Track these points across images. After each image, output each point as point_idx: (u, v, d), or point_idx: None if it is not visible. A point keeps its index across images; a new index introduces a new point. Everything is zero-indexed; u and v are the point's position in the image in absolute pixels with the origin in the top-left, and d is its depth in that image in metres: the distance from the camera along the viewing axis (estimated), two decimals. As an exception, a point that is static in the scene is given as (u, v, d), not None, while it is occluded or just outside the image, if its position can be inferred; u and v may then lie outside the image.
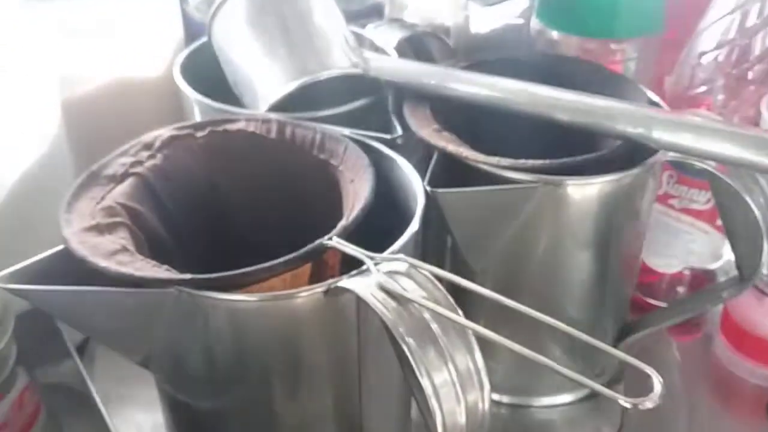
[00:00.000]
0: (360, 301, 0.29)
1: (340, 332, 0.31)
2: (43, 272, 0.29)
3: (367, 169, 0.35)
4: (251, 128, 0.39)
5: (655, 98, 0.43)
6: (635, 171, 0.38)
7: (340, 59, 0.44)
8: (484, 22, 0.59)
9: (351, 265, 0.30)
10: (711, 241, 0.49)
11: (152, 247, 0.33)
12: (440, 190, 0.34)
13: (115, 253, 0.30)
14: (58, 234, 0.44)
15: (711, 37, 0.46)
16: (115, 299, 0.29)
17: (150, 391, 0.37)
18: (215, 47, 0.47)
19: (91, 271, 0.29)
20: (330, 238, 0.31)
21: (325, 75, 0.42)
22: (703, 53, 0.46)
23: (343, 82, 0.43)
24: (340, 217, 0.37)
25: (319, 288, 0.29)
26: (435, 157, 0.37)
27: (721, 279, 0.50)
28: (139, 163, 0.36)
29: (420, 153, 0.40)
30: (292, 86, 0.42)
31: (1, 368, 0.35)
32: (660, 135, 0.37)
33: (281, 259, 0.29)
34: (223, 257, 0.38)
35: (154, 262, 0.30)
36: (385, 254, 0.30)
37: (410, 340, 0.27)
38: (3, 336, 0.35)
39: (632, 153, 0.39)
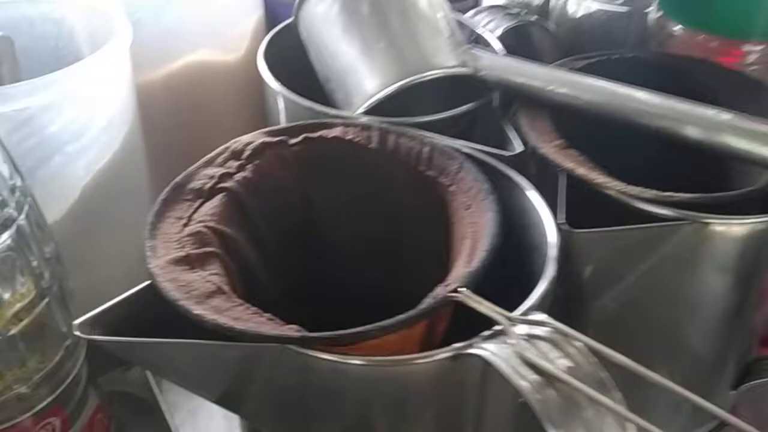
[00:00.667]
0: (487, 366, 0.25)
1: (458, 397, 0.27)
2: (126, 313, 0.26)
3: (486, 196, 0.30)
4: (350, 136, 0.34)
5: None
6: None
7: (445, 57, 0.38)
8: (582, 7, 0.54)
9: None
10: None
11: (244, 277, 0.30)
12: (578, 231, 0.29)
13: (209, 296, 0.26)
14: (132, 234, 0.41)
15: None
16: (210, 352, 0.25)
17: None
18: (303, 36, 0.42)
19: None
20: (455, 290, 0.26)
21: (429, 76, 0.37)
22: None
23: (446, 82, 0.38)
24: (447, 246, 0.32)
25: (446, 353, 0.25)
26: (561, 182, 0.33)
27: None
28: (228, 175, 0.31)
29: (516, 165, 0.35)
30: (392, 88, 0.37)
31: (71, 394, 0.32)
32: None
33: (401, 318, 0.25)
34: (316, 285, 0.35)
35: (253, 309, 0.26)
36: (523, 314, 0.26)
37: (560, 426, 0.23)
38: (76, 363, 0.32)
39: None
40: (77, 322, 0.24)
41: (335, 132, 0.34)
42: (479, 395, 0.27)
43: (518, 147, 0.34)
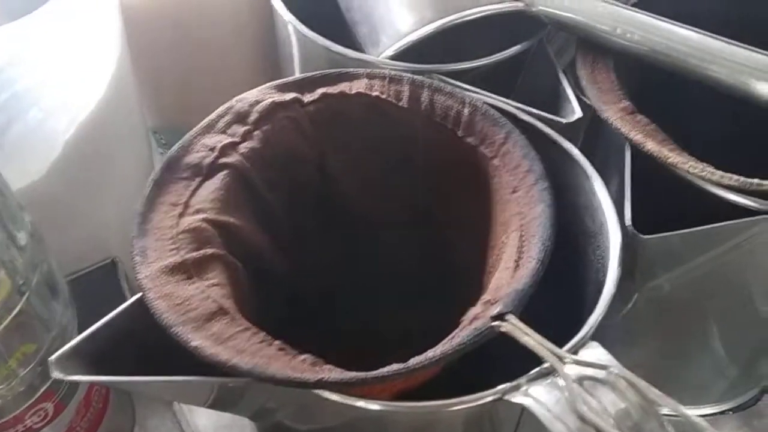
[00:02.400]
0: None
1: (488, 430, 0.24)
2: (114, 333, 0.22)
3: (538, 180, 0.26)
4: (375, 91, 0.29)
5: None
6: None
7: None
8: None
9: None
10: None
11: (250, 274, 0.26)
12: (650, 237, 0.25)
13: (210, 318, 0.22)
14: (128, 184, 0.36)
15: None
16: (211, 386, 0.21)
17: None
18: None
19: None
20: (500, 316, 0.22)
21: (475, 13, 0.31)
22: None
23: (492, 23, 0.32)
24: (486, 229, 0.28)
25: (488, 398, 0.21)
26: (626, 161, 0.27)
27: None
28: (232, 146, 0.26)
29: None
30: (429, 28, 0.31)
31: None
32: None
33: (432, 356, 0.21)
34: (336, 267, 0.31)
35: (260, 336, 0.22)
36: (575, 348, 0.22)
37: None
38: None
39: None
40: (52, 359, 0.20)
41: (358, 86, 0.29)
42: (513, 428, 0.23)
43: (576, 111, 0.29)
